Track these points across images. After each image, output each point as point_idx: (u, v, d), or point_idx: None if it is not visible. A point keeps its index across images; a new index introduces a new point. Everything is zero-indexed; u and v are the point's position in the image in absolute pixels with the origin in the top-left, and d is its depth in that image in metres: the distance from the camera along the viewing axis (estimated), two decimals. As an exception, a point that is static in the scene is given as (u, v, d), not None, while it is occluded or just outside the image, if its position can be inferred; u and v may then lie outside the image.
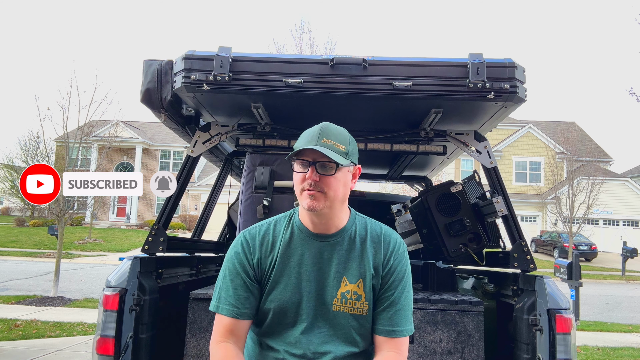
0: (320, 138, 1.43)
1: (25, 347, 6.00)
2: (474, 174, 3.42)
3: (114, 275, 2.47)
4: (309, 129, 1.50)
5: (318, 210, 1.43)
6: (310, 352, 1.45)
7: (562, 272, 7.97)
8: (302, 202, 1.44)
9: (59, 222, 10.17)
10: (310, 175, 1.42)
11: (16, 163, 30.90)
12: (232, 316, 1.46)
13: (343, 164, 1.43)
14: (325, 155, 1.40)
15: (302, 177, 1.44)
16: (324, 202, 1.43)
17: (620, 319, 10.32)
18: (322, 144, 1.41)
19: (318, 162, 1.42)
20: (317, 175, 1.42)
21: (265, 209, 2.84)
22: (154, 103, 2.65)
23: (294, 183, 1.49)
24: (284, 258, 1.50)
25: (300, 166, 1.45)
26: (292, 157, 1.45)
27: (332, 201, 1.44)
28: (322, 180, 1.42)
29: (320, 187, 1.42)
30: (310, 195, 1.42)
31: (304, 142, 1.44)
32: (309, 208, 1.42)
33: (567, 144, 23.99)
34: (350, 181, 1.51)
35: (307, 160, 1.43)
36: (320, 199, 1.42)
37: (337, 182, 1.44)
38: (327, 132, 1.45)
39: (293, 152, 1.44)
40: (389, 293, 1.49)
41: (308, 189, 1.42)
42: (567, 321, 2.30)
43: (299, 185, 1.45)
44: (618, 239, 27.48)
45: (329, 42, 16.46)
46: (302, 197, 1.45)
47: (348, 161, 1.45)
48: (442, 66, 2.42)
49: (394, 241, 1.54)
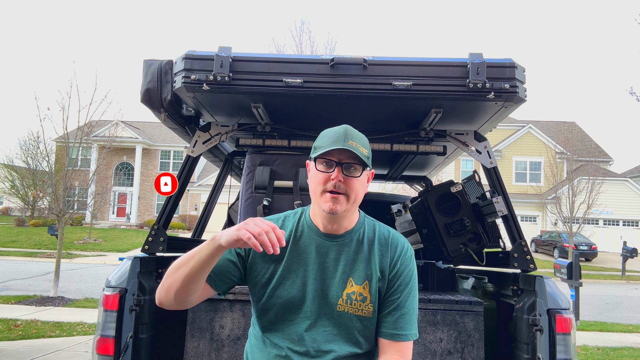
0: (347, 139, 1.42)
1: (25, 347, 6.00)
2: (474, 174, 3.42)
3: (114, 275, 2.47)
4: (329, 129, 1.49)
5: (338, 214, 1.42)
6: (314, 350, 1.45)
7: (562, 272, 7.97)
8: (323, 205, 1.42)
9: (59, 222, 10.17)
10: (337, 175, 1.40)
11: (16, 163, 30.97)
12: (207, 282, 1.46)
13: (369, 167, 1.44)
14: (353, 157, 1.40)
15: (325, 178, 1.42)
16: (345, 205, 1.42)
17: (620, 319, 10.32)
18: (348, 146, 1.40)
19: (344, 163, 1.41)
20: (342, 177, 1.41)
21: (265, 209, 2.84)
22: (154, 103, 2.65)
23: (313, 183, 1.46)
24: (293, 255, 1.50)
25: (324, 166, 1.43)
26: (318, 157, 1.43)
27: (352, 204, 1.44)
28: (346, 181, 1.41)
29: (344, 188, 1.41)
30: (333, 198, 1.41)
31: (330, 143, 1.42)
32: (331, 211, 1.41)
33: (567, 144, 23.98)
34: (366, 185, 1.51)
35: (332, 160, 1.42)
36: (343, 202, 1.42)
37: (360, 184, 1.45)
38: (352, 134, 1.45)
39: (322, 151, 1.42)
40: (394, 297, 1.49)
41: (332, 190, 1.41)
42: (567, 321, 2.30)
43: (320, 186, 1.43)
44: (618, 239, 27.50)
45: (329, 42, 16.47)
46: (322, 199, 1.43)
47: (369, 164, 1.47)
48: (442, 66, 2.42)
49: (401, 245, 1.54)
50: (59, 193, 10.27)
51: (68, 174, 10.63)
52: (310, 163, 1.49)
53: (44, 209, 28.47)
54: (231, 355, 2.51)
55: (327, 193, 1.41)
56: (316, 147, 1.47)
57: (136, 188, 33.57)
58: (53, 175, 10.90)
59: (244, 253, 1.51)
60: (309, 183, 1.50)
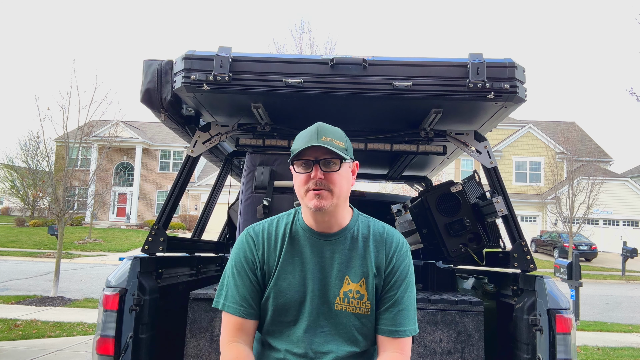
0: (319, 137, 1.42)
1: (25, 347, 6.00)
2: (474, 174, 3.42)
3: (114, 275, 2.47)
4: (302, 131, 1.49)
5: (325, 209, 1.42)
6: (312, 351, 1.45)
7: (562, 272, 7.97)
8: (308, 203, 1.43)
9: (59, 222, 10.17)
10: (316, 174, 1.41)
11: (16, 163, 30.96)
12: (239, 315, 1.46)
13: (346, 159, 1.43)
14: (328, 152, 1.40)
15: (305, 178, 1.43)
16: (331, 200, 1.42)
17: (620, 319, 10.32)
18: (322, 142, 1.41)
19: (321, 160, 1.42)
20: (322, 173, 1.41)
21: (265, 209, 2.84)
22: (154, 103, 2.65)
23: (296, 185, 1.47)
24: (288, 256, 1.50)
25: (302, 167, 1.44)
26: (295, 159, 1.44)
27: (337, 198, 1.44)
28: (327, 177, 1.42)
29: (325, 184, 1.41)
30: (316, 195, 1.41)
31: (303, 142, 1.43)
32: (317, 207, 1.41)
33: (567, 144, 23.97)
34: (351, 177, 1.51)
35: (309, 160, 1.42)
36: (327, 197, 1.42)
37: (342, 178, 1.44)
38: (324, 130, 1.45)
39: (295, 153, 1.43)
40: (391, 293, 1.49)
41: (314, 188, 1.41)
42: (567, 321, 2.30)
43: (303, 187, 1.44)
44: (618, 239, 27.49)
45: (329, 42, 16.46)
46: (307, 198, 1.44)
47: (349, 156, 1.46)
48: (442, 66, 2.42)
49: (396, 241, 1.54)
50: (59, 193, 10.26)
51: (68, 174, 10.62)
52: (291, 167, 1.50)
53: (44, 209, 28.46)
54: None
55: (311, 191, 1.42)
56: (292, 150, 1.47)
57: (136, 188, 33.57)
58: (53, 175, 10.90)
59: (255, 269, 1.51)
60: (294, 187, 1.50)
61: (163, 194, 34.13)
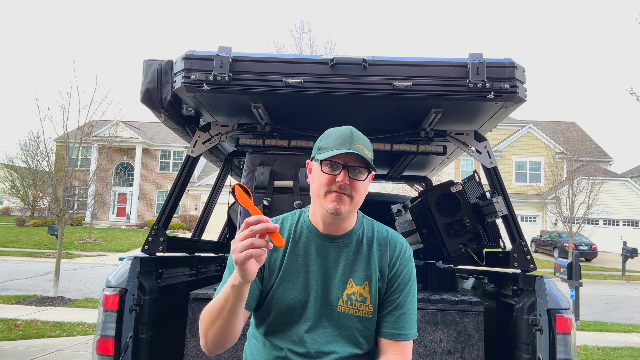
0: (353, 142, 1.41)
1: (25, 347, 6.00)
2: (474, 174, 3.42)
3: (114, 275, 2.47)
4: (334, 129, 1.48)
5: (342, 214, 1.41)
6: (314, 351, 1.45)
7: (562, 272, 7.97)
8: (326, 205, 1.41)
9: (59, 222, 10.17)
10: (343, 179, 1.40)
11: (16, 163, 30.97)
12: None
13: (373, 172, 1.44)
14: (359, 160, 1.40)
15: (330, 179, 1.41)
16: (349, 206, 1.42)
17: (620, 319, 10.32)
18: (354, 149, 1.40)
19: (350, 166, 1.41)
20: (348, 179, 1.40)
21: (265, 209, 2.84)
22: (154, 103, 2.65)
23: (317, 184, 1.45)
24: (292, 256, 1.49)
25: (330, 168, 1.42)
26: (324, 159, 1.42)
27: (355, 205, 1.44)
28: (351, 184, 1.41)
29: (349, 190, 1.41)
30: (338, 197, 1.40)
31: (336, 145, 1.42)
32: (336, 211, 1.40)
33: (567, 144, 23.97)
34: (367, 186, 1.51)
35: (338, 163, 1.41)
36: (347, 202, 1.41)
37: (364, 187, 1.45)
38: (357, 137, 1.44)
39: (330, 154, 1.40)
40: (394, 296, 1.49)
41: (337, 191, 1.40)
42: (567, 321, 2.30)
43: (324, 187, 1.42)
44: (618, 239, 27.49)
45: (329, 42, 16.47)
46: (326, 200, 1.42)
47: (374, 168, 1.46)
48: (442, 66, 2.42)
49: (400, 245, 1.54)
50: (59, 193, 10.26)
51: (68, 174, 10.62)
52: (313, 163, 1.48)
53: (44, 209, 28.48)
54: (231, 356, 2.50)
55: (333, 192, 1.40)
56: (320, 147, 1.45)
57: (136, 188, 33.57)
58: (53, 175, 10.90)
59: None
60: (311, 183, 1.49)
61: (163, 194, 34.13)
